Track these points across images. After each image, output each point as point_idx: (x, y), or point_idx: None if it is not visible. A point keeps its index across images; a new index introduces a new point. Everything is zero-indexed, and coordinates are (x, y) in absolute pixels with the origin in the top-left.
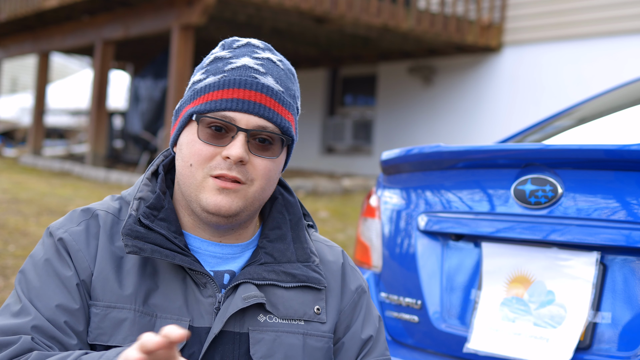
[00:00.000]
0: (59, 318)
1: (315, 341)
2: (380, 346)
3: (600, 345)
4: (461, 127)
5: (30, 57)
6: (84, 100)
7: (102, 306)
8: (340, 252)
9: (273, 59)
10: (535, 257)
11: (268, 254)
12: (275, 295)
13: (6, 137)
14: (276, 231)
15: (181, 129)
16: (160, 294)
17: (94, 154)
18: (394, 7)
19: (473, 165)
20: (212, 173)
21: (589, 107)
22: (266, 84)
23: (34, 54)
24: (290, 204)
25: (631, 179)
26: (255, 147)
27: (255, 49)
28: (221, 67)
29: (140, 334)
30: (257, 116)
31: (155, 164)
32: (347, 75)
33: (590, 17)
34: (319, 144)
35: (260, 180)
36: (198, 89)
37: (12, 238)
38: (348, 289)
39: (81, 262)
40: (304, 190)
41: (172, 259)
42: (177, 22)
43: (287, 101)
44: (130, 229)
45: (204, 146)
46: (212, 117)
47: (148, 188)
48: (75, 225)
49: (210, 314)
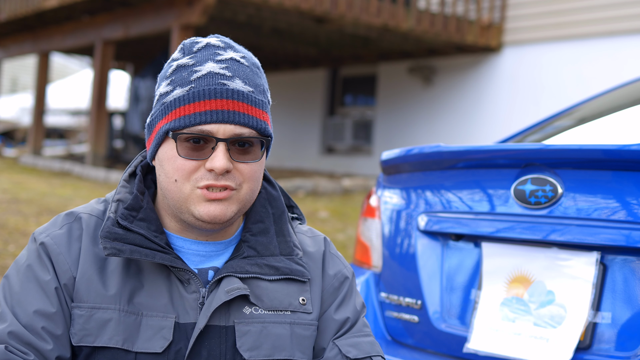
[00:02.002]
0: (37, 324)
1: (303, 330)
2: (359, 325)
3: (600, 345)
4: (461, 127)
5: (30, 57)
6: (84, 100)
7: (87, 307)
8: (322, 240)
9: (236, 58)
10: (535, 257)
11: (251, 247)
12: (259, 287)
13: (6, 137)
14: (259, 225)
15: (158, 145)
16: (145, 293)
17: (94, 154)
18: (394, 7)
19: (473, 165)
20: (199, 185)
21: (589, 107)
22: (236, 88)
23: (34, 54)
24: (273, 198)
25: (631, 179)
26: (236, 152)
27: (217, 50)
28: (187, 77)
29: (126, 334)
30: (233, 124)
31: (132, 166)
32: (347, 75)
33: (590, 17)
34: (319, 144)
35: (248, 183)
36: (168, 103)
37: (12, 238)
38: (327, 274)
39: (62, 265)
40: (304, 190)
41: (152, 257)
42: (177, 22)
43: (258, 100)
44: (108, 231)
45: (186, 161)
46: (189, 132)
47: (126, 189)
48: (58, 228)
49: (195, 310)
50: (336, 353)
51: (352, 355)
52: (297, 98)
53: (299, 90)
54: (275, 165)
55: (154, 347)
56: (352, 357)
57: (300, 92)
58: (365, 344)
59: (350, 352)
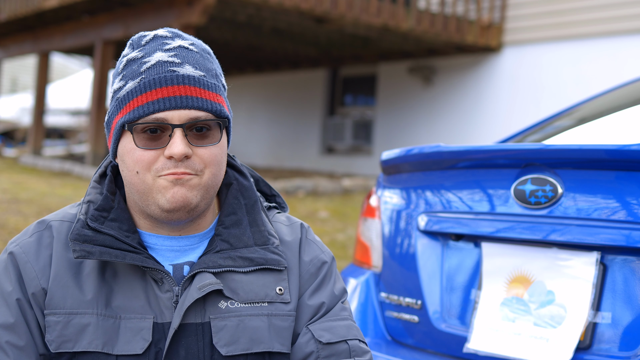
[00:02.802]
0: (1, 338)
1: (281, 321)
2: (335, 309)
3: (600, 345)
4: (461, 127)
5: (30, 57)
6: (84, 100)
7: (64, 313)
8: (299, 227)
9: (185, 45)
10: (535, 257)
11: (224, 240)
12: (234, 281)
13: (6, 137)
14: (232, 217)
15: (117, 140)
16: (122, 295)
17: (94, 154)
18: (394, 7)
19: (473, 165)
20: (160, 174)
21: (589, 107)
22: (186, 73)
23: (34, 54)
24: (245, 188)
25: (631, 179)
26: (194, 137)
27: (165, 40)
28: (137, 70)
29: (105, 337)
30: (187, 109)
31: (102, 166)
32: (347, 75)
33: (590, 17)
34: (319, 144)
35: (210, 168)
36: (121, 97)
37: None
38: (303, 261)
39: (29, 274)
40: (304, 190)
41: (122, 258)
42: (177, 22)
43: (210, 83)
44: (77, 233)
45: (144, 152)
46: (144, 122)
47: (96, 190)
48: (28, 237)
49: (169, 309)
50: (309, 338)
51: (324, 340)
52: (297, 98)
53: (299, 90)
54: (275, 165)
55: (134, 348)
56: (324, 341)
57: (300, 92)
58: (341, 328)
59: (323, 337)
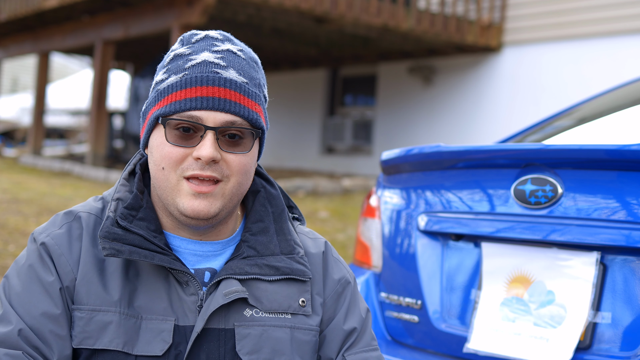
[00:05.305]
0: (44, 327)
1: (303, 334)
2: (366, 337)
3: (600, 345)
4: (461, 127)
5: (30, 57)
6: (84, 100)
7: (87, 310)
8: (323, 243)
9: (233, 50)
10: (535, 257)
11: (251, 247)
12: (259, 289)
13: (6, 137)
14: (259, 224)
15: (150, 132)
16: (145, 295)
17: (94, 154)
18: (394, 7)
19: (473, 165)
20: (185, 174)
21: (589, 107)
22: (229, 77)
23: (34, 54)
24: (272, 197)
25: (631, 179)
26: (225, 143)
27: (215, 42)
28: (182, 65)
29: (126, 337)
30: (223, 112)
31: (132, 164)
32: (347, 75)
33: (590, 17)
34: (319, 144)
35: (236, 176)
36: (161, 89)
37: (12, 238)
38: (331, 279)
39: (64, 267)
40: (304, 190)
41: (151, 259)
42: (177, 22)
43: (252, 92)
44: (107, 231)
45: (174, 148)
46: (178, 118)
47: (125, 188)
48: (58, 228)
49: (193, 312)
50: None
51: None
52: (297, 98)
53: (299, 90)
54: (275, 165)
55: (154, 350)
56: None
57: (300, 92)
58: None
59: None
